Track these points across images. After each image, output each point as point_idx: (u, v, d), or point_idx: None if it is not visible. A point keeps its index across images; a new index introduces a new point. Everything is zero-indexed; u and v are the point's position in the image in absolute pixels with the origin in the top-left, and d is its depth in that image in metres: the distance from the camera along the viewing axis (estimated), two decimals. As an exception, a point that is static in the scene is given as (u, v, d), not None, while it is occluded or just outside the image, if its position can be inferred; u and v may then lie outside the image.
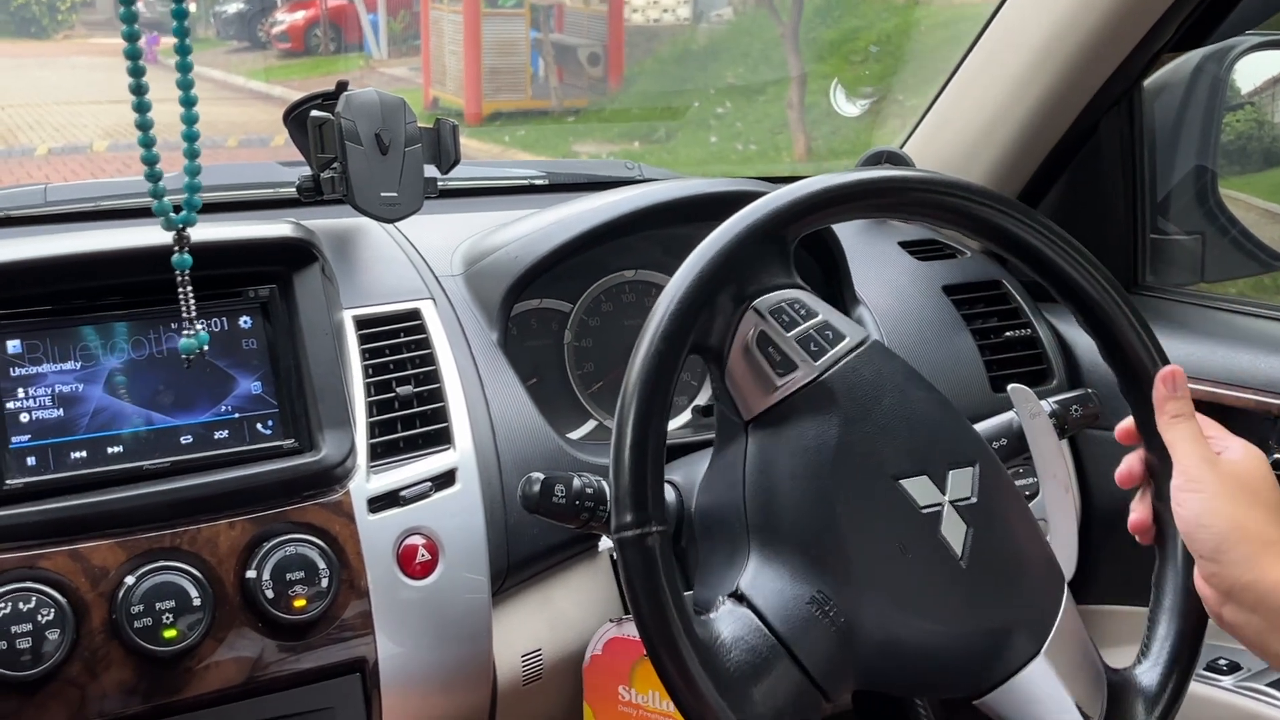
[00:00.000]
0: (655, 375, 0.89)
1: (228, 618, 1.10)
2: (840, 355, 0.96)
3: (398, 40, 10.46)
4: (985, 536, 0.97)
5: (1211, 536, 0.91)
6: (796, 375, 0.95)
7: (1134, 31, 1.51)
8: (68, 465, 1.10)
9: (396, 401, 1.22)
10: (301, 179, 1.36)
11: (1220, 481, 0.92)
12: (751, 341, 0.94)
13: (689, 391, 1.50)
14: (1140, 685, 1.02)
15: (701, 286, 0.92)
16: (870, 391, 0.96)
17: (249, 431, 1.17)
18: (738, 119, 7.25)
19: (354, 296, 1.28)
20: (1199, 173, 1.70)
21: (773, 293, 0.96)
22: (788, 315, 0.95)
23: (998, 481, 1.00)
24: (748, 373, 0.95)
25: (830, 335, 0.96)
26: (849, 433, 0.94)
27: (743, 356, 0.95)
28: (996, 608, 0.97)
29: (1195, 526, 0.92)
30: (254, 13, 11.09)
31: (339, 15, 10.67)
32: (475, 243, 1.42)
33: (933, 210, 1.01)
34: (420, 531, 1.17)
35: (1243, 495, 0.91)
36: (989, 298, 1.59)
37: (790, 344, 0.95)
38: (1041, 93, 1.59)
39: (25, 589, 1.03)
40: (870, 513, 0.94)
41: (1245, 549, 0.89)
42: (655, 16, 9.26)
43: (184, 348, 1.02)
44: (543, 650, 1.27)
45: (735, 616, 0.91)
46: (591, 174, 1.79)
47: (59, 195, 1.50)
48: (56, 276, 1.13)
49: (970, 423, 1.03)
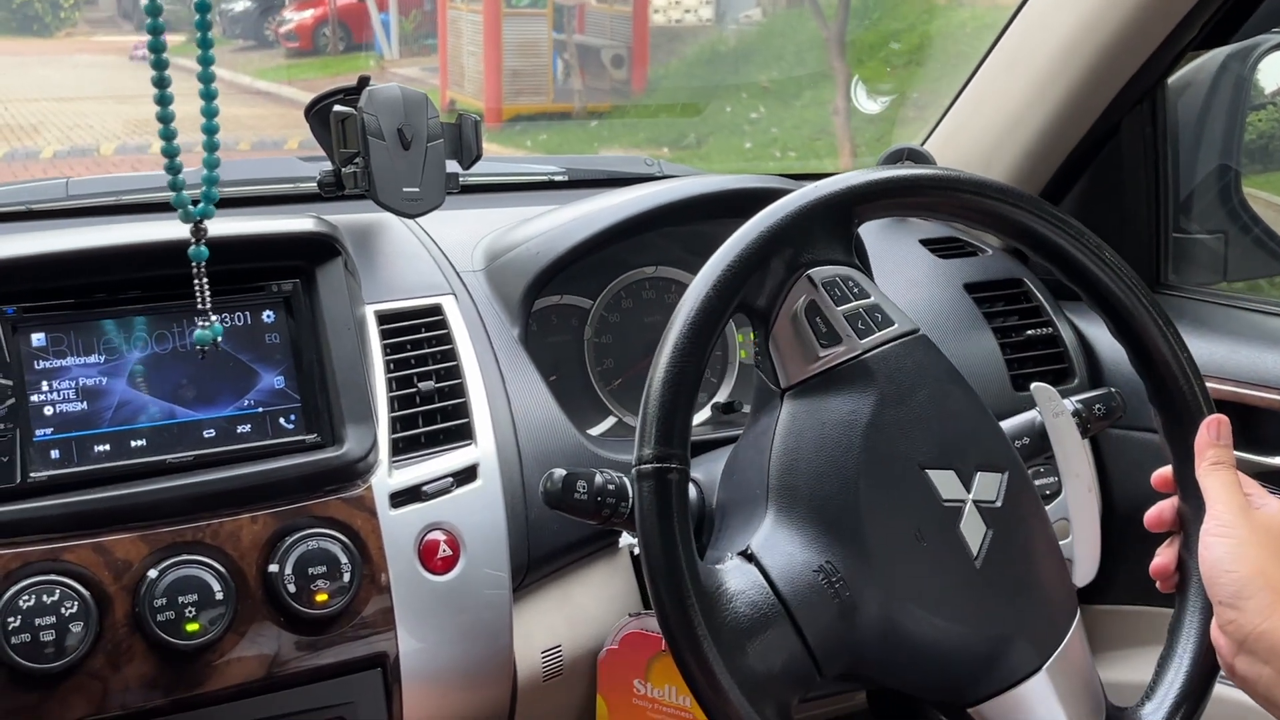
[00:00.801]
0: (701, 321, 0.89)
1: (249, 612, 1.11)
2: (887, 339, 0.97)
3: (410, 40, 10.32)
4: (1003, 542, 0.96)
5: (1233, 581, 0.91)
6: (839, 349, 0.95)
7: (1158, 30, 1.51)
8: (91, 458, 1.11)
9: (418, 396, 1.22)
10: (323, 174, 1.36)
11: (1251, 529, 0.92)
12: (801, 309, 0.95)
13: (709, 389, 1.50)
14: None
15: (762, 245, 0.92)
16: (910, 380, 0.96)
17: (271, 426, 1.17)
18: (773, 124, 7.08)
19: (376, 291, 1.28)
20: (1222, 171, 1.69)
21: (829, 266, 0.96)
22: (840, 290, 0.96)
23: (1024, 493, 0.99)
24: (793, 339, 0.95)
25: (879, 318, 0.97)
26: (883, 414, 0.95)
27: (790, 322, 0.95)
28: (1004, 614, 0.96)
29: (1219, 571, 0.92)
30: (261, 10, 10.95)
31: (348, 14, 10.52)
32: (496, 238, 1.42)
33: (992, 220, 1.02)
34: (442, 527, 1.17)
35: (1271, 545, 0.91)
36: (1010, 296, 1.59)
37: (838, 318, 0.95)
38: (1064, 91, 1.58)
39: (49, 582, 1.04)
40: (892, 495, 0.94)
41: (1265, 597, 0.89)
42: (677, 17, 9.04)
43: (199, 339, 1.03)
44: (562, 646, 1.27)
45: (742, 572, 0.91)
46: (612, 170, 1.79)
47: (80, 189, 1.51)
48: (80, 270, 1.14)
49: (1004, 431, 1.03)
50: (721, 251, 0.92)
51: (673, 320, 0.90)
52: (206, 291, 1.01)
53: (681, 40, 9.01)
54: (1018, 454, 1.02)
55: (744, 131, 7.14)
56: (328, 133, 1.33)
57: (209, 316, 1.02)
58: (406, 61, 9.99)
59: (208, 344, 1.04)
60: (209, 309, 1.01)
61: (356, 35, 10.50)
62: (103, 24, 11.73)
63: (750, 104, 7.37)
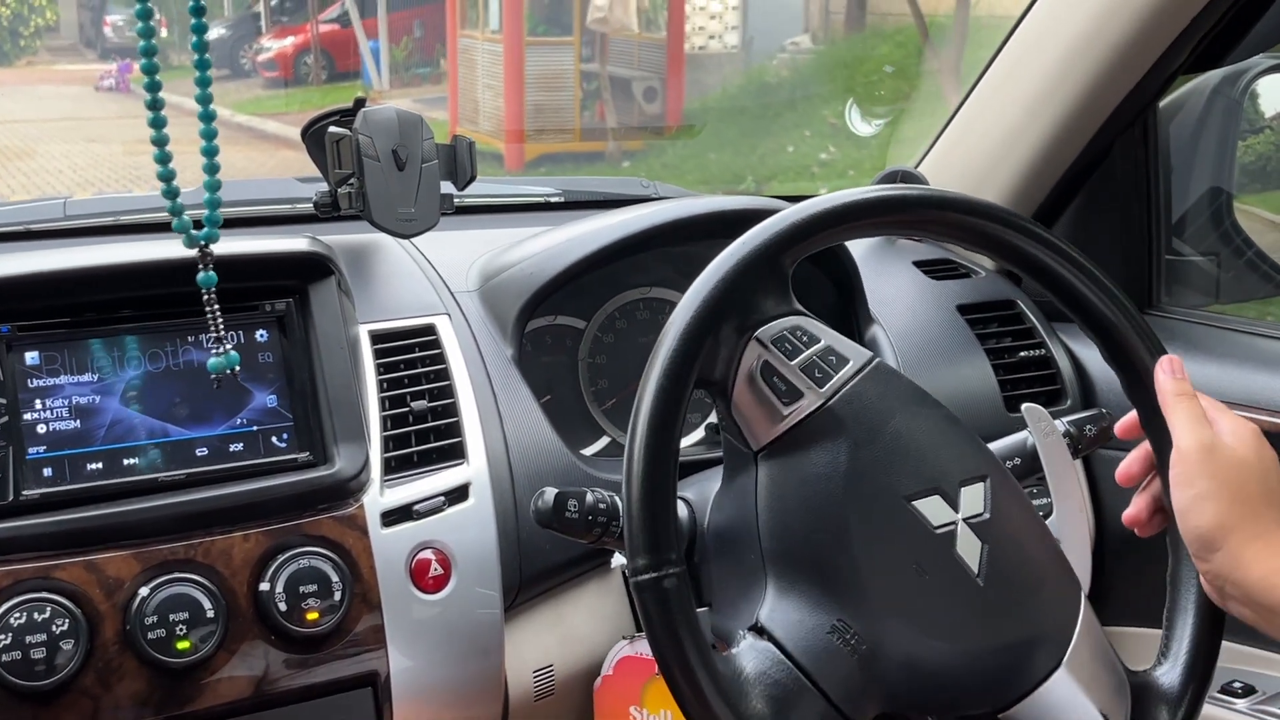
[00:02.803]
0: (662, 414, 0.89)
1: (241, 630, 1.11)
2: (845, 380, 0.96)
3: (400, 69, 9.77)
4: (1000, 552, 0.96)
5: (1197, 536, 0.93)
6: (803, 403, 0.94)
7: (1149, 53, 1.51)
8: (84, 476, 1.11)
9: (411, 416, 1.22)
10: (319, 195, 1.37)
11: (1211, 474, 0.92)
12: (756, 372, 0.94)
13: (703, 409, 1.50)
14: (1161, 688, 1.02)
15: (702, 321, 0.91)
16: (877, 414, 0.96)
17: (264, 444, 1.17)
18: (849, 166, 6.18)
19: (370, 311, 1.28)
20: (1214, 194, 1.69)
21: (774, 322, 0.95)
22: (790, 344, 0.95)
23: (1010, 494, 1.00)
24: (754, 403, 0.94)
25: (834, 360, 0.96)
26: (858, 457, 0.94)
27: (748, 388, 0.94)
28: (1015, 623, 0.97)
29: (1184, 525, 0.94)
30: (236, 38, 10.45)
31: (331, 42, 9.99)
32: (491, 259, 1.43)
33: (951, 232, 1.02)
34: (433, 546, 1.18)
35: (1229, 488, 0.92)
36: (1003, 317, 1.59)
37: (795, 372, 0.94)
38: (1057, 114, 1.59)
39: (40, 599, 1.04)
40: (885, 537, 0.94)
41: (1231, 546, 0.91)
42: (700, 44, 8.27)
43: (213, 367, 1.03)
44: (554, 666, 1.27)
45: (757, 650, 0.91)
46: (606, 191, 1.79)
47: (78, 210, 1.52)
48: (74, 289, 1.14)
49: (979, 437, 1.03)
50: (667, 334, 0.91)
51: (635, 415, 0.89)
52: (220, 319, 1.01)
53: (705, 69, 8.28)
54: (992, 454, 1.02)
55: (813, 175, 6.45)
56: (323, 154, 1.34)
57: (224, 344, 1.02)
58: (398, 92, 9.51)
59: (223, 371, 1.03)
60: (223, 335, 1.01)
61: (340, 64, 10.06)
62: (64, 52, 11.25)
63: (818, 143, 6.69)
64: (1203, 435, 0.94)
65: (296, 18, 10.63)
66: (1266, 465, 0.94)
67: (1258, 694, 1.43)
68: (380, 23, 9.54)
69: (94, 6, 11.86)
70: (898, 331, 1.50)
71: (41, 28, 11.02)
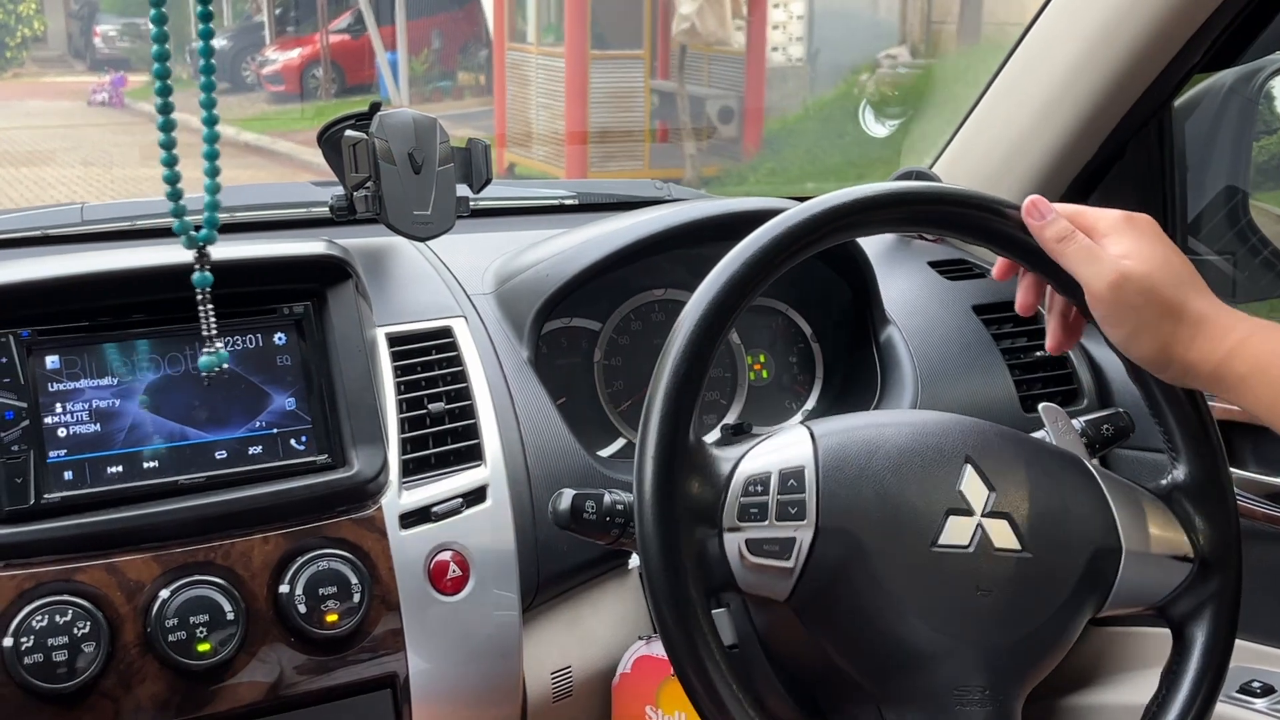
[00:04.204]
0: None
1: (260, 632, 1.11)
2: (813, 488, 0.94)
3: (420, 83, 9.09)
4: (1023, 511, 0.98)
5: (1146, 362, 0.96)
6: (801, 543, 0.93)
7: (1164, 52, 1.51)
8: (104, 480, 1.11)
9: (428, 418, 1.23)
10: (335, 198, 1.37)
11: (1131, 306, 0.94)
12: (745, 552, 0.93)
13: (718, 410, 1.50)
14: (1178, 481, 1.06)
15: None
16: (855, 489, 0.95)
17: (283, 447, 1.18)
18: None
19: (387, 314, 1.29)
20: (1230, 193, 1.69)
21: (727, 503, 0.93)
22: (753, 507, 0.93)
23: (993, 455, 1.00)
24: (761, 575, 0.94)
25: (792, 482, 0.94)
26: (868, 546, 0.94)
27: (750, 570, 0.93)
28: (1072, 552, 0.99)
29: (1132, 357, 0.97)
30: (236, 50, 9.85)
31: (343, 53, 9.31)
32: (506, 261, 1.43)
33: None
34: (451, 547, 1.18)
35: (1152, 309, 0.93)
36: (1019, 317, 1.59)
37: (774, 527, 0.93)
38: (1071, 113, 1.59)
39: (61, 602, 1.04)
40: (939, 593, 0.95)
41: (1175, 357, 0.94)
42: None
43: (204, 365, 1.04)
44: (572, 667, 1.27)
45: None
46: (621, 194, 1.80)
47: (95, 214, 1.52)
48: (93, 293, 1.15)
49: (931, 411, 1.05)
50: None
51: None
52: (212, 317, 1.01)
53: (770, 84, 7.31)
54: (954, 422, 1.02)
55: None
56: (339, 157, 1.34)
57: (214, 343, 1.03)
58: (417, 108, 9.20)
59: (213, 370, 1.04)
60: (214, 334, 1.02)
61: (351, 76, 9.50)
62: (52, 63, 10.80)
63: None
64: (1105, 272, 0.94)
65: (304, 28, 10.14)
66: (1172, 261, 0.95)
67: (1277, 694, 1.42)
68: (399, 32, 8.91)
69: (83, 16, 11.55)
70: (913, 332, 1.50)
71: (29, 38, 10.59)
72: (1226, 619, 1.03)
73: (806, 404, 1.54)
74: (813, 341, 1.56)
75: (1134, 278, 0.93)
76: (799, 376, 1.55)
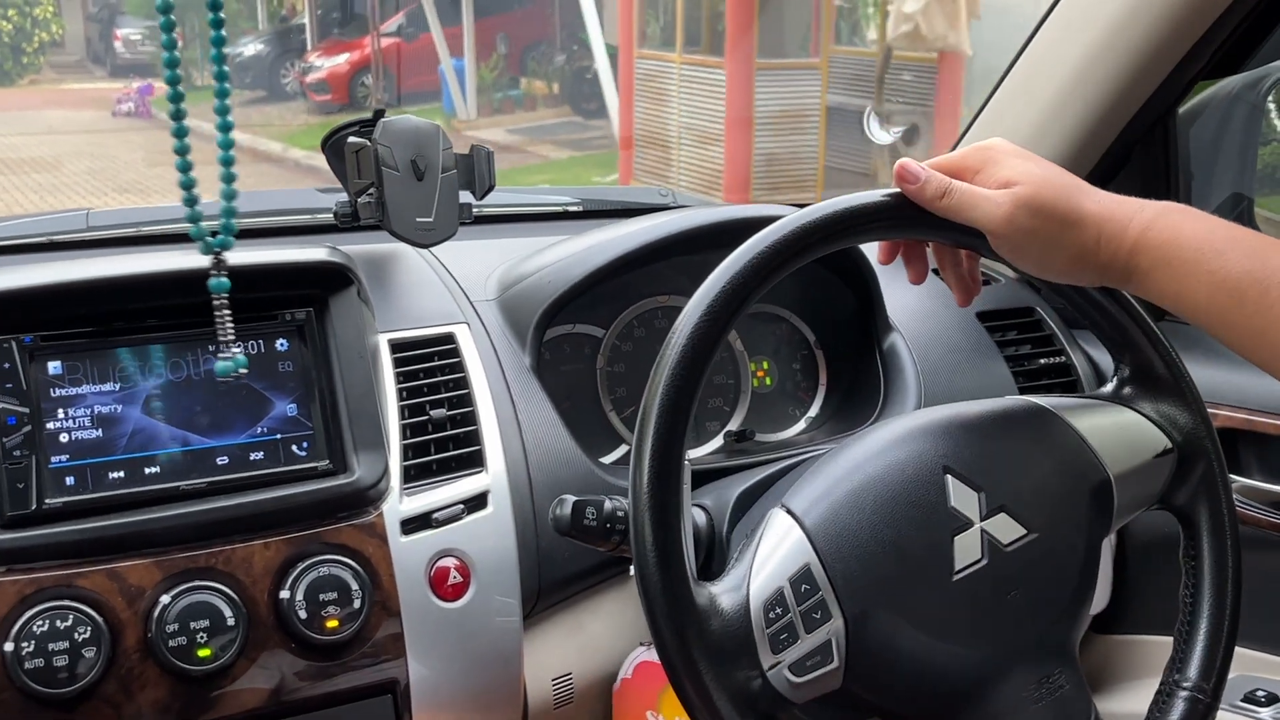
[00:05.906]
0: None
1: (261, 638, 1.11)
2: (831, 581, 0.92)
3: (488, 91, 7.98)
4: (1013, 501, 0.97)
5: (1066, 281, 0.98)
6: (836, 640, 0.91)
7: (1168, 59, 1.51)
8: (106, 485, 1.12)
9: (430, 424, 1.23)
10: (338, 205, 1.37)
11: (1031, 234, 0.93)
12: (793, 679, 0.91)
13: (721, 417, 1.50)
14: (1126, 375, 1.07)
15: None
16: (860, 562, 0.93)
17: (284, 453, 1.18)
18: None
19: (389, 320, 1.29)
20: (1235, 200, 1.69)
21: (774, 670, 0.90)
22: (784, 633, 0.91)
23: (970, 456, 0.98)
24: (814, 688, 0.92)
25: (806, 587, 0.91)
26: (897, 605, 0.93)
27: (803, 690, 0.91)
28: (1081, 513, 1.00)
29: (1053, 285, 1.00)
30: (276, 55, 9.31)
31: (395, 59, 8.14)
32: (509, 268, 1.43)
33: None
34: (452, 554, 1.18)
35: (1050, 231, 0.93)
36: (1023, 324, 1.59)
37: (808, 642, 0.91)
38: (1075, 120, 1.59)
39: (62, 607, 1.05)
40: (977, 617, 0.95)
41: (1090, 268, 0.94)
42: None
43: (220, 370, 1.04)
44: (573, 673, 1.27)
45: None
46: (624, 200, 1.80)
47: (101, 221, 1.53)
48: (96, 299, 1.15)
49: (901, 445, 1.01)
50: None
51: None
52: (229, 323, 1.02)
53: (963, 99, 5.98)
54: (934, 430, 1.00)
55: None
56: (343, 164, 1.34)
57: (232, 348, 1.03)
58: (486, 122, 7.73)
59: (230, 375, 1.05)
60: (231, 339, 1.02)
61: (401, 84, 8.44)
62: (70, 69, 10.24)
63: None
64: (995, 209, 0.93)
65: (350, 30, 9.31)
66: (1049, 172, 0.94)
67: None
68: (465, 35, 7.88)
69: (103, 20, 11.17)
70: (916, 339, 1.50)
71: (46, 43, 10.13)
72: (1223, 494, 1.06)
73: (810, 411, 1.54)
74: (816, 348, 1.56)
75: (1024, 201, 0.92)
76: (802, 383, 1.55)
